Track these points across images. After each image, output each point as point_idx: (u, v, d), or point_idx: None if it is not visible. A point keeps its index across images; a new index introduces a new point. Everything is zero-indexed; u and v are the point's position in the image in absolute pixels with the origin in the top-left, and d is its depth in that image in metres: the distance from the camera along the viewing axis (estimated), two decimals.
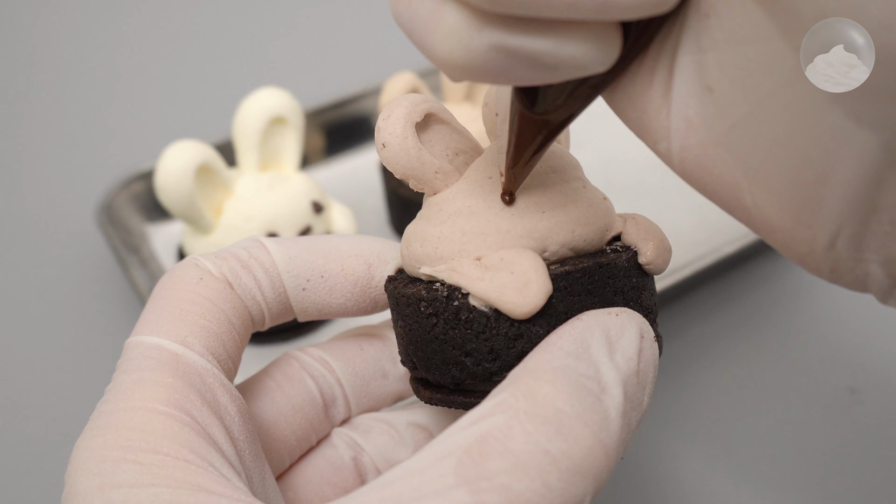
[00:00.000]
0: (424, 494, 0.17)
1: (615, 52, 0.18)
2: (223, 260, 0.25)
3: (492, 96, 0.24)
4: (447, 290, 0.22)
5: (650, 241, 0.23)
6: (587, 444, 0.18)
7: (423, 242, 0.23)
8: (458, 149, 0.24)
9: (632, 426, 0.20)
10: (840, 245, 0.19)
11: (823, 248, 0.19)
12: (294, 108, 0.44)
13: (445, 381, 0.23)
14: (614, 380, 0.19)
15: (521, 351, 0.21)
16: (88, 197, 0.52)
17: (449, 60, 0.17)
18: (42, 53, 0.69)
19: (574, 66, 0.18)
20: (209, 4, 0.73)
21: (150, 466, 0.19)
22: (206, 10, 0.72)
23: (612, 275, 0.22)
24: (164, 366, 0.22)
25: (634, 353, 0.20)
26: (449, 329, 0.22)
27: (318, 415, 0.27)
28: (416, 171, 0.23)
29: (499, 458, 0.18)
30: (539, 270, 0.21)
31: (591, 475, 0.18)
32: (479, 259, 0.22)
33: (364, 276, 0.26)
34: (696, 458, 0.38)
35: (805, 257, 0.19)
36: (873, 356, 0.42)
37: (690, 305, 0.45)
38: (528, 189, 0.22)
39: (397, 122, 0.23)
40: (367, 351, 0.28)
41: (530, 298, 0.21)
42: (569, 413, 0.18)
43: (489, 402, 0.19)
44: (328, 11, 0.72)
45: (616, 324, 0.20)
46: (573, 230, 0.22)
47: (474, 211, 0.22)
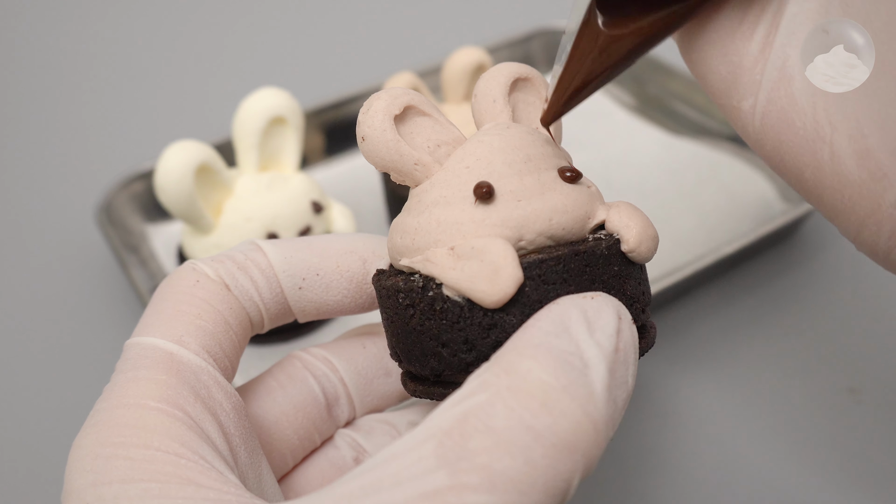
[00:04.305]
0: (405, 479, 0.17)
1: None
2: (220, 263, 0.25)
3: (481, 88, 0.24)
4: (423, 280, 0.22)
5: (633, 228, 0.23)
6: (575, 418, 0.18)
7: (403, 234, 0.23)
8: (440, 141, 0.24)
9: (618, 404, 0.19)
10: None
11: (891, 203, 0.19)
12: (294, 108, 0.44)
13: (426, 372, 0.23)
14: (597, 355, 0.19)
15: (495, 341, 0.21)
16: (88, 197, 0.52)
17: None
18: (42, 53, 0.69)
19: None
20: (209, 4, 0.73)
21: (141, 462, 0.19)
22: (207, 11, 0.72)
23: (590, 262, 0.22)
24: (159, 364, 0.22)
25: (613, 332, 0.20)
26: (425, 320, 0.22)
27: (321, 414, 0.27)
28: (395, 164, 0.23)
29: (480, 437, 0.17)
30: (508, 258, 0.21)
31: (579, 451, 0.18)
32: (452, 249, 0.22)
33: (359, 272, 0.26)
34: (696, 457, 0.38)
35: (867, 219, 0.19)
36: (873, 356, 0.42)
37: (690, 305, 0.45)
38: (504, 177, 0.22)
39: (376, 114, 0.23)
40: (369, 349, 0.28)
41: (500, 286, 0.20)
42: (555, 385, 0.18)
43: (471, 383, 0.19)
44: (328, 11, 0.72)
45: (592, 305, 0.20)
46: (550, 218, 0.22)
47: (449, 200, 0.22)
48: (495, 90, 0.24)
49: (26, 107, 0.63)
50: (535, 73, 0.25)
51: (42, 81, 0.65)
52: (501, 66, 0.25)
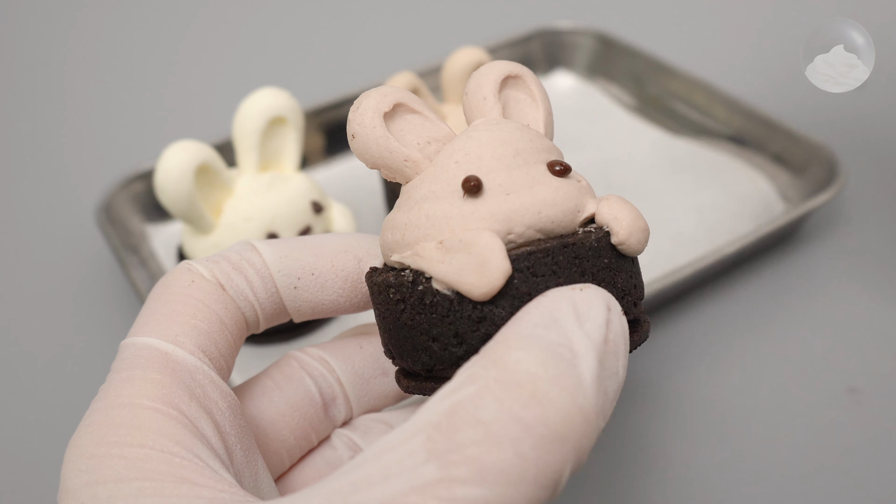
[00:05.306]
0: (394, 473, 0.17)
1: None
2: (215, 263, 0.25)
3: (472, 85, 0.25)
4: (412, 274, 0.22)
5: (622, 220, 0.23)
6: (564, 408, 0.18)
7: (393, 230, 0.23)
8: (430, 137, 0.24)
9: (609, 395, 0.19)
10: None
11: None
12: (294, 108, 0.44)
13: (417, 367, 0.23)
14: (586, 346, 0.19)
15: (485, 334, 0.21)
16: (88, 197, 0.52)
17: None
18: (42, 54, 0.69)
19: None
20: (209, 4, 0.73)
21: (135, 461, 0.19)
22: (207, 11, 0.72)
23: (580, 255, 0.22)
24: (154, 364, 0.22)
25: (603, 323, 0.20)
26: (416, 314, 0.22)
27: (318, 414, 0.27)
28: (385, 160, 0.23)
29: (469, 430, 0.17)
30: (496, 250, 0.21)
31: (569, 442, 0.18)
32: (441, 243, 0.22)
33: (354, 271, 0.26)
34: (695, 457, 0.38)
35: None
36: (873, 356, 0.42)
37: (690, 305, 0.45)
38: (493, 171, 0.22)
39: (366, 112, 0.23)
40: (366, 349, 0.28)
41: (488, 278, 0.20)
42: (543, 376, 0.18)
43: (460, 376, 0.19)
44: (328, 11, 0.72)
45: (581, 297, 0.20)
46: (539, 211, 0.22)
47: (438, 195, 0.22)
48: (485, 87, 0.24)
49: (27, 107, 0.63)
50: (526, 71, 0.25)
51: (42, 81, 0.65)
52: (492, 63, 0.25)
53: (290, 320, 0.27)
